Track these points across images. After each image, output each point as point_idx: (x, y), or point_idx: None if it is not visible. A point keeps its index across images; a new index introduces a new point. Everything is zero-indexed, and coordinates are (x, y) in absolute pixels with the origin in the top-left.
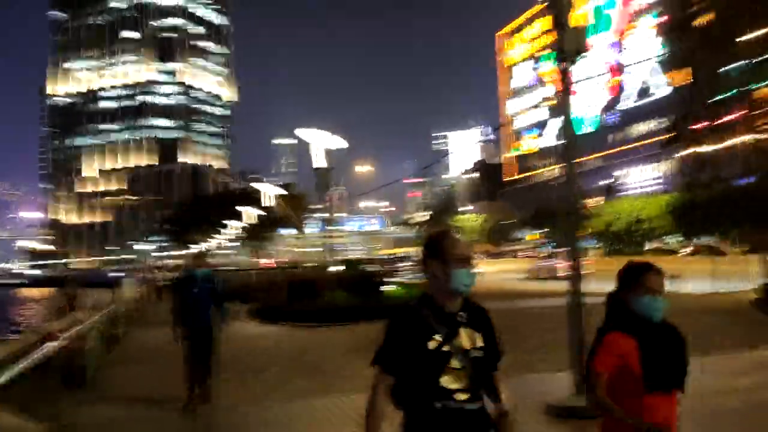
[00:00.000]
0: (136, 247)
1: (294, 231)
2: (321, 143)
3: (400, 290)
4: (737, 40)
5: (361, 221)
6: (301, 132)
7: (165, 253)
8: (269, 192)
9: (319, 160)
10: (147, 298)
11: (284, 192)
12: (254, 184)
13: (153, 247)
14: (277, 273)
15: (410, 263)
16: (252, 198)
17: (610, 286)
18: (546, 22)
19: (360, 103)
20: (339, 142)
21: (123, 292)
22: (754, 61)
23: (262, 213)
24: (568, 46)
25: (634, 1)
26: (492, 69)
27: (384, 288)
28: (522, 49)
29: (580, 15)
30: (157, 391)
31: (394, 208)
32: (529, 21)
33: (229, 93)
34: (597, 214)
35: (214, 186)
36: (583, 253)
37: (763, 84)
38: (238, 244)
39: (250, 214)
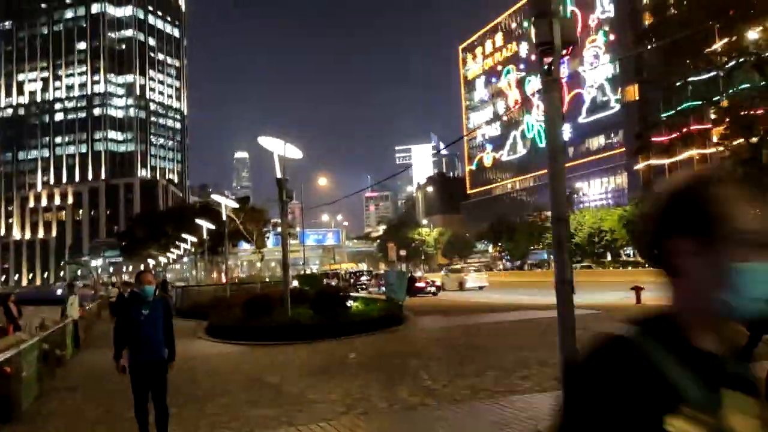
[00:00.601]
0: (88, 263)
1: (252, 246)
2: (281, 153)
3: (363, 306)
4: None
5: (319, 235)
6: (264, 141)
7: (116, 270)
8: (227, 204)
9: (281, 171)
10: (98, 316)
11: (241, 205)
12: (214, 197)
13: (105, 262)
14: (234, 288)
15: (369, 277)
16: (210, 211)
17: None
18: (506, 36)
19: (321, 116)
20: (295, 152)
21: (72, 310)
22: (703, 77)
23: (220, 227)
24: (557, 39)
25: (589, 18)
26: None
27: (349, 304)
28: (483, 63)
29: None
30: (104, 424)
31: (346, 223)
32: (490, 35)
33: (184, 106)
34: None
35: (170, 200)
36: (494, 265)
37: (713, 100)
38: (194, 258)
39: (207, 227)
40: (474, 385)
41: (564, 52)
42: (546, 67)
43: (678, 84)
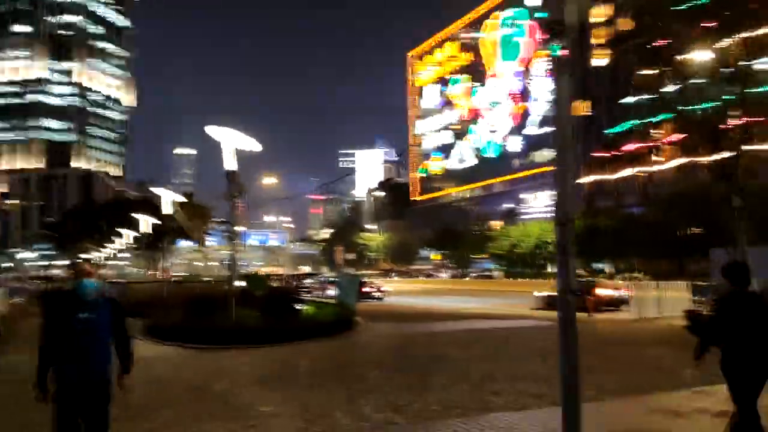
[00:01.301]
0: (17, 255)
1: (193, 243)
2: (232, 144)
3: (313, 309)
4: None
5: (262, 236)
6: (211, 130)
7: (48, 263)
8: (169, 198)
9: (230, 163)
10: (26, 311)
11: (185, 200)
12: (154, 189)
13: (36, 255)
14: (175, 286)
15: (314, 281)
16: (149, 206)
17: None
18: (455, 46)
19: (267, 116)
20: (252, 144)
21: None
22: (649, 96)
23: (160, 222)
24: (569, 17)
25: (540, 33)
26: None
27: (299, 307)
28: (432, 71)
29: (489, 41)
30: None
31: (293, 226)
32: (440, 44)
33: (128, 97)
34: (503, 236)
35: (108, 193)
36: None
37: (658, 118)
38: (132, 255)
39: (146, 222)
40: (443, 400)
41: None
42: (556, 46)
43: (622, 101)
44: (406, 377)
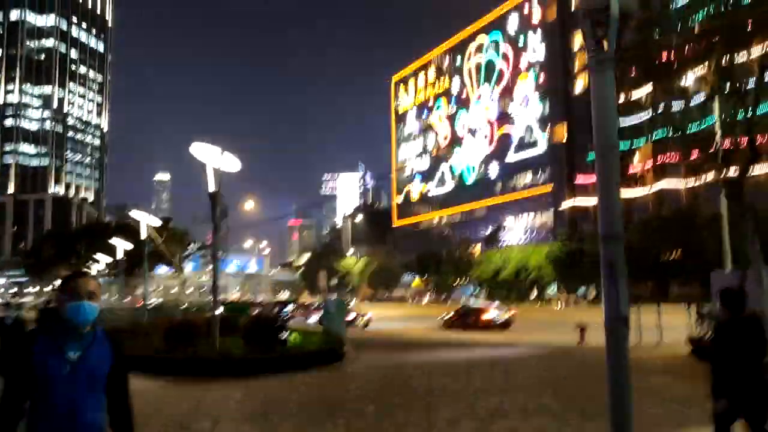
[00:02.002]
0: None
1: (170, 269)
2: (216, 163)
3: (300, 338)
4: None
5: (239, 261)
6: (197, 149)
7: (15, 290)
8: (148, 222)
9: (213, 184)
10: None
11: (162, 225)
12: (133, 213)
13: (7, 281)
14: (152, 313)
15: (295, 307)
16: (127, 231)
17: None
18: (438, 71)
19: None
20: (232, 163)
21: None
22: (628, 123)
23: (139, 246)
24: (614, 6)
25: (521, 59)
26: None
27: (285, 336)
28: (415, 96)
29: (471, 67)
30: None
31: (267, 251)
32: (422, 68)
33: (104, 122)
34: (486, 261)
35: (84, 218)
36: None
37: (638, 144)
38: (108, 281)
39: (123, 248)
40: None
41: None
42: (597, 40)
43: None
44: (407, 413)
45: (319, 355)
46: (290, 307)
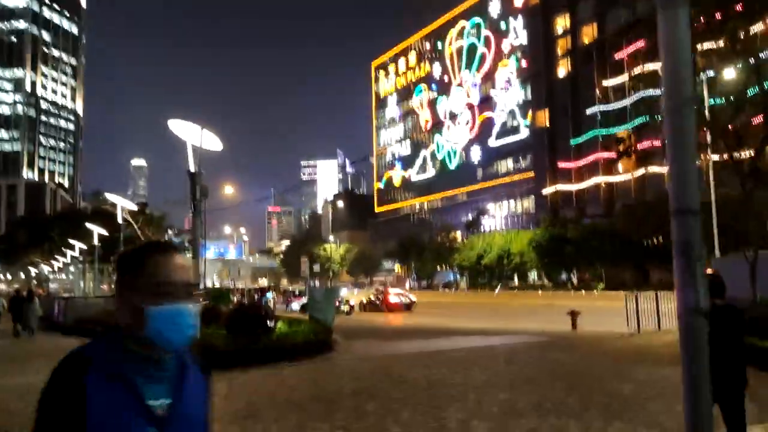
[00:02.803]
0: None
1: None
2: (196, 142)
3: (286, 327)
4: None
5: (218, 248)
6: (175, 125)
7: None
8: (124, 206)
9: (193, 164)
10: None
11: (139, 209)
12: (109, 195)
13: None
14: None
15: (276, 294)
16: (103, 217)
17: None
18: (418, 55)
19: (226, 128)
20: (214, 143)
21: None
22: (611, 108)
23: (115, 232)
24: None
25: (503, 43)
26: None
27: (271, 324)
28: (395, 80)
29: (452, 52)
30: None
31: (246, 238)
32: (404, 53)
33: (79, 106)
34: (468, 247)
35: (58, 204)
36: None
37: (620, 128)
38: (82, 268)
39: (99, 233)
40: None
41: None
42: None
43: (587, 111)
44: (412, 411)
45: (308, 346)
46: (271, 294)
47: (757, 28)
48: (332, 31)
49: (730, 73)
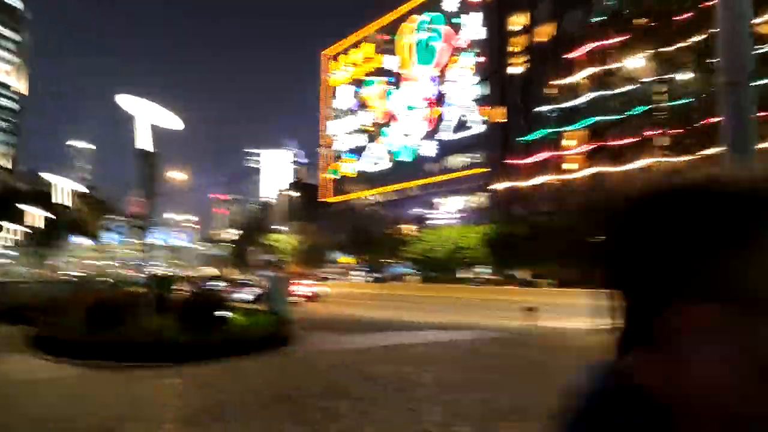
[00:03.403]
0: None
1: (88, 240)
2: (149, 118)
3: (242, 318)
4: (550, 83)
5: (166, 235)
6: (123, 100)
7: None
8: (64, 187)
9: (144, 141)
10: None
11: (85, 190)
12: (46, 175)
13: None
14: (69, 287)
15: (225, 284)
16: (42, 198)
17: None
18: (371, 47)
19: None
20: (173, 121)
21: None
22: (563, 106)
23: (53, 215)
24: None
25: (457, 38)
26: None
27: (225, 315)
28: (347, 71)
29: (406, 45)
30: None
31: (193, 225)
32: (356, 44)
33: (19, 84)
34: (420, 240)
35: None
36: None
37: (572, 127)
38: (19, 252)
39: (36, 215)
40: None
41: None
42: None
43: (537, 110)
44: (388, 413)
45: (266, 339)
46: (221, 283)
47: None
48: (283, 19)
49: None
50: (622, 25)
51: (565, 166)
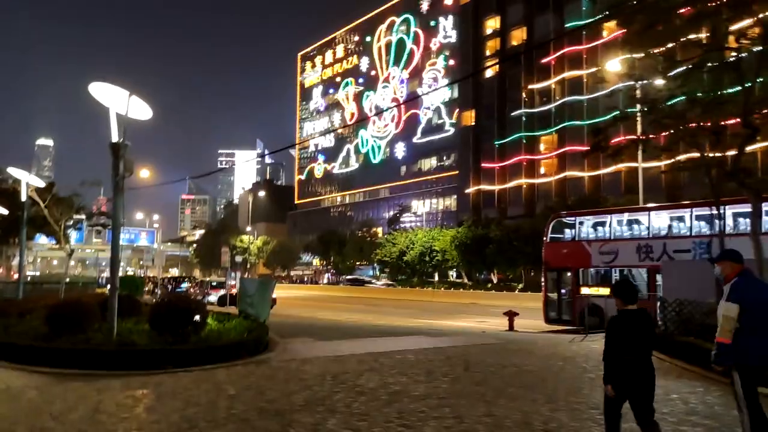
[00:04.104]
0: None
1: (50, 240)
2: (121, 108)
3: (216, 323)
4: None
5: (129, 234)
6: (96, 88)
7: None
8: (29, 181)
9: (115, 133)
10: None
11: (45, 187)
12: (11, 170)
13: None
14: (30, 289)
15: (191, 285)
16: (3, 195)
17: None
18: (347, 48)
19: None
20: (142, 110)
21: None
22: (535, 110)
23: (13, 212)
24: None
25: (432, 41)
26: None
27: (198, 321)
28: (322, 72)
29: (381, 47)
30: None
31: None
32: (331, 45)
33: None
34: (390, 242)
35: None
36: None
37: (543, 132)
38: None
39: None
40: None
41: None
42: None
43: (512, 114)
44: (383, 430)
45: (242, 345)
46: (186, 284)
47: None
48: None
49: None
50: (594, 29)
51: (536, 170)
